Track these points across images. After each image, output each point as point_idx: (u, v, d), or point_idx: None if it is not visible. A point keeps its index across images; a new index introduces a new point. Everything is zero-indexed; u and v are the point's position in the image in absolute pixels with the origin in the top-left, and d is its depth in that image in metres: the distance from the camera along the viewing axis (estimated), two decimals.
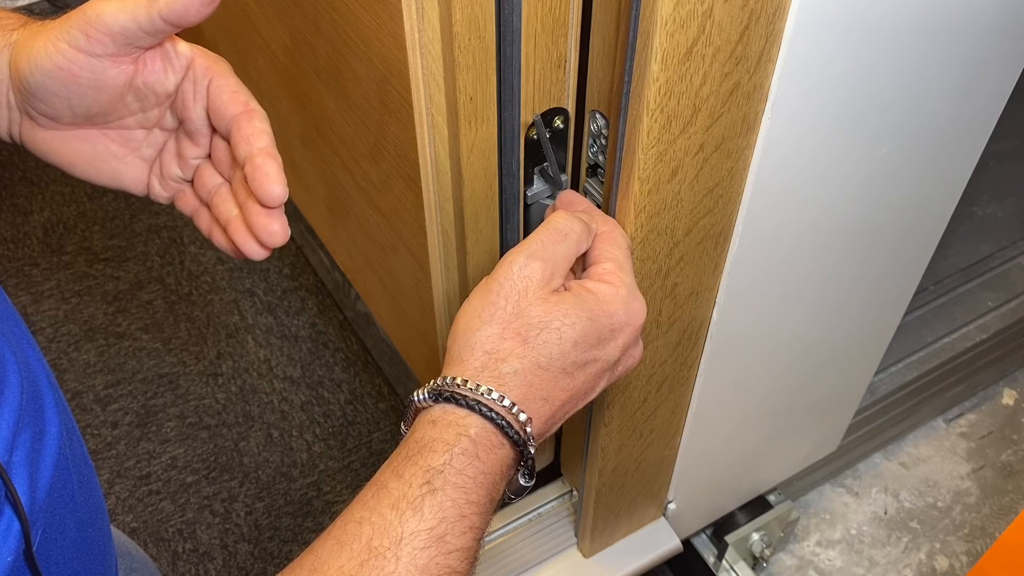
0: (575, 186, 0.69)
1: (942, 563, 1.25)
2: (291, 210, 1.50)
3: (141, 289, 1.56)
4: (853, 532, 1.27)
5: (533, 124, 0.64)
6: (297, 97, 0.94)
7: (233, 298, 1.56)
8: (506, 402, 0.48)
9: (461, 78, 0.58)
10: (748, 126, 0.58)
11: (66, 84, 0.44)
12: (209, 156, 0.49)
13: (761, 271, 0.72)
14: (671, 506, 0.99)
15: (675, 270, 0.65)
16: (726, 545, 1.11)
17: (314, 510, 1.31)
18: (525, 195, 0.69)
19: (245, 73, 1.16)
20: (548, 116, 0.64)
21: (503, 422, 0.47)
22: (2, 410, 0.40)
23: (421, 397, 0.49)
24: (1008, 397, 1.43)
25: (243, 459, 1.36)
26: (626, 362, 0.54)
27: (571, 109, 0.64)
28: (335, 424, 1.40)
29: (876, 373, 1.10)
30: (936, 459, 1.35)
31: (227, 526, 1.29)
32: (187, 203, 0.51)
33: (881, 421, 1.25)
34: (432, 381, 0.49)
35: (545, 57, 0.60)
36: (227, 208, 0.48)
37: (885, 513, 1.29)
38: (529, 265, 0.50)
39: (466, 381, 0.48)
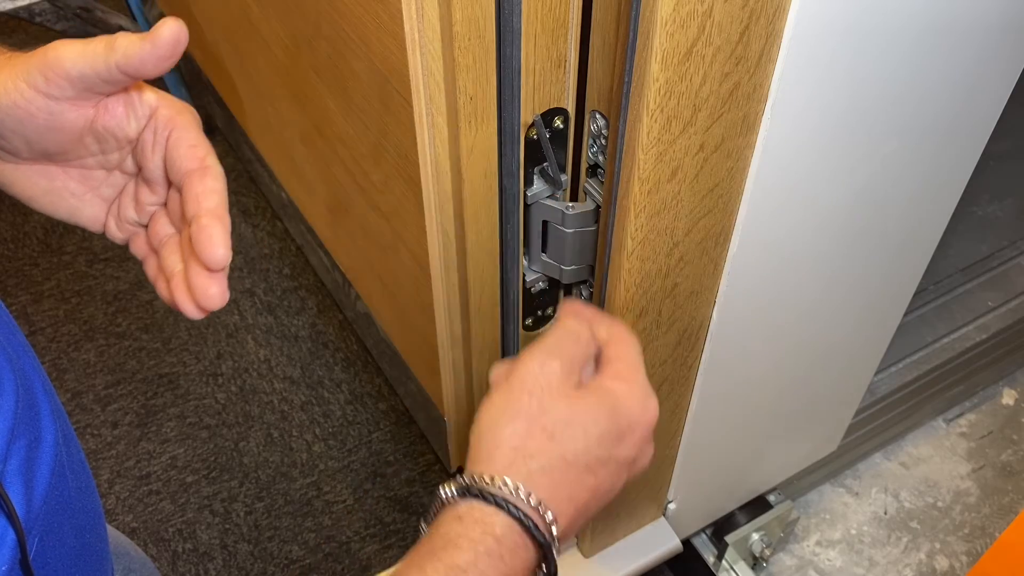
0: (575, 186, 0.69)
1: (942, 563, 1.25)
2: (291, 210, 1.50)
3: (141, 289, 1.56)
4: (853, 532, 1.27)
5: (533, 124, 0.64)
6: (297, 97, 0.94)
7: (233, 298, 1.56)
8: (533, 500, 0.47)
9: (461, 78, 0.58)
10: (748, 126, 0.58)
11: (22, 122, 0.43)
12: (165, 204, 0.48)
13: (761, 271, 0.72)
14: (671, 506, 0.99)
15: (675, 270, 0.65)
16: (726, 545, 1.11)
17: (314, 510, 1.31)
18: (525, 195, 0.69)
19: (245, 73, 1.16)
20: (548, 116, 0.64)
21: (530, 523, 0.47)
22: None
23: (448, 493, 0.48)
24: (1008, 397, 1.43)
25: (243, 459, 1.36)
26: (641, 460, 0.54)
27: (571, 109, 0.64)
28: (335, 424, 1.40)
29: (876, 373, 1.10)
30: (936, 459, 1.35)
31: (227, 526, 1.29)
32: (140, 247, 0.50)
33: (881, 421, 1.25)
34: (459, 477, 0.49)
35: (545, 57, 0.60)
36: (172, 261, 0.47)
37: (885, 513, 1.29)
38: (549, 363, 0.51)
39: (494, 478, 0.48)
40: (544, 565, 0.49)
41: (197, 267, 0.44)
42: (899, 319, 0.97)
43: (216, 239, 0.43)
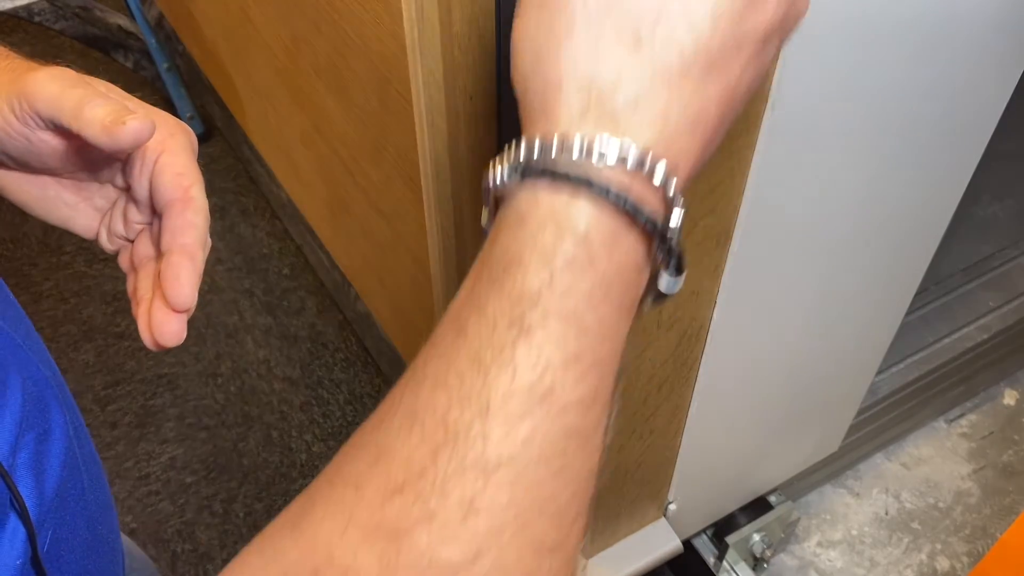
0: None
1: (943, 564, 1.24)
2: (291, 210, 1.50)
3: None
4: (854, 533, 1.27)
5: None
6: (297, 97, 0.94)
7: (232, 298, 1.56)
8: (633, 154, 0.30)
9: (461, 78, 0.58)
10: (748, 126, 0.58)
11: (2, 141, 0.43)
12: (152, 224, 0.48)
13: (761, 271, 0.72)
14: (671, 507, 0.98)
15: None
16: (727, 546, 1.10)
17: None
18: None
19: (245, 73, 1.16)
20: None
21: (629, 203, 0.30)
22: (2, 413, 0.39)
23: (498, 177, 0.32)
24: (1009, 397, 1.43)
25: (242, 459, 1.36)
26: (792, 13, 0.35)
27: None
28: (335, 424, 1.40)
29: (877, 373, 1.10)
30: (937, 459, 1.35)
31: (226, 526, 1.29)
32: (125, 262, 0.49)
33: (882, 421, 1.25)
34: (512, 145, 0.32)
35: None
36: (144, 286, 0.46)
37: (886, 514, 1.29)
38: None
39: (564, 140, 0.30)
40: (661, 248, 0.31)
41: (160, 302, 0.42)
42: (900, 319, 0.97)
43: (183, 280, 0.41)
